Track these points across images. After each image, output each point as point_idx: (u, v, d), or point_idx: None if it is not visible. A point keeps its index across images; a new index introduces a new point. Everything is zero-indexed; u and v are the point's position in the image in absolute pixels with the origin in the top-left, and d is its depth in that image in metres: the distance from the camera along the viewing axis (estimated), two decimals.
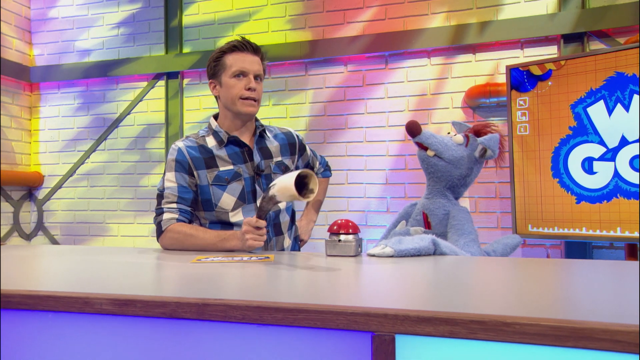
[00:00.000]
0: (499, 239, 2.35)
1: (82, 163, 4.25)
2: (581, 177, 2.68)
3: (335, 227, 1.63)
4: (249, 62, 1.88)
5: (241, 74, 1.88)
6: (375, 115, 3.61)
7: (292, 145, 2.08)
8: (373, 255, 1.56)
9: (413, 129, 1.86)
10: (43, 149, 4.38)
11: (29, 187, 4.37)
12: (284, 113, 3.79)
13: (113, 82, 4.19)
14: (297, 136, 2.12)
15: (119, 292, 1.00)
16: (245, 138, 1.97)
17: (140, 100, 4.10)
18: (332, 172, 2.36)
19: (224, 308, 0.90)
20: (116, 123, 4.16)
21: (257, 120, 2.02)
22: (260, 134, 2.00)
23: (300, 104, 3.76)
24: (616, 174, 2.58)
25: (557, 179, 2.75)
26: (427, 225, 1.93)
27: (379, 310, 0.81)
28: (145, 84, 4.10)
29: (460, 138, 1.85)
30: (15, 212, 4.28)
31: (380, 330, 0.81)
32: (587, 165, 2.67)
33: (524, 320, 0.74)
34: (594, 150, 2.65)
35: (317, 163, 2.26)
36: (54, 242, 4.30)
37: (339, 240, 1.61)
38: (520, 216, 2.88)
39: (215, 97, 1.98)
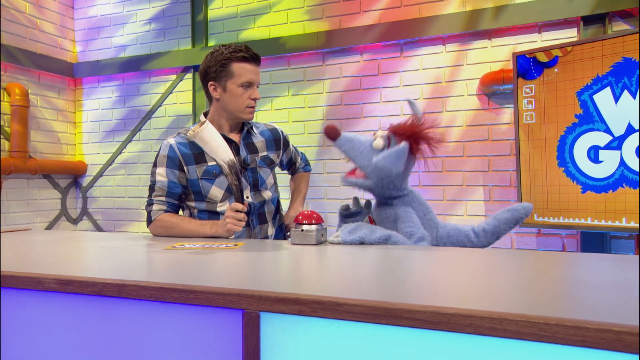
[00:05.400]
0: (498, 213, 1.92)
1: (120, 153, 4.53)
2: (587, 166, 2.61)
3: (300, 218, 1.74)
4: (255, 73, 2.01)
5: (249, 85, 2.00)
6: (390, 104, 3.62)
7: (277, 141, 2.21)
8: (331, 242, 1.68)
9: (330, 134, 1.78)
10: (86, 139, 4.70)
11: (75, 175, 4.72)
12: (302, 103, 3.88)
13: (146, 75, 4.42)
14: (282, 132, 2.25)
15: (85, 274, 1.17)
16: (233, 135, 2.10)
17: (170, 93, 4.32)
18: (311, 166, 2.52)
19: (136, 288, 1.07)
20: (149, 115, 4.41)
21: None
22: (247, 130, 2.12)
23: (317, 94, 3.83)
24: (622, 162, 2.50)
25: (563, 168, 2.69)
26: (372, 222, 1.92)
27: (248, 292, 0.97)
28: (174, 77, 4.30)
29: (379, 143, 1.72)
30: (62, 198, 4.63)
31: (249, 308, 0.96)
32: (593, 154, 2.59)
33: (351, 302, 0.87)
34: (599, 138, 2.57)
35: (299, 159, 2.40)
36: (97, 226, 4.63)
37: (302, 230, 1.71)
38: None
39: (212, 97, 2.06)
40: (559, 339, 0.74)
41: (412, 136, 1.68)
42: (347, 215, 1.94)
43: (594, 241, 3.05)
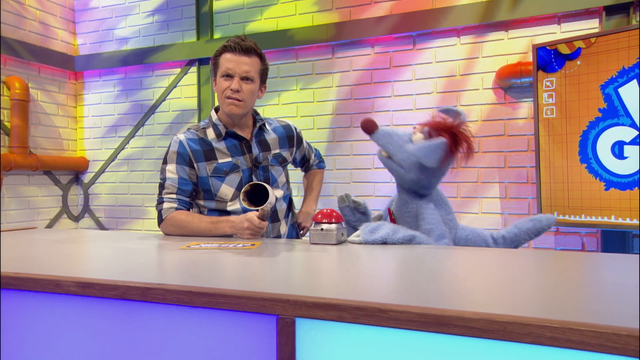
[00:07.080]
0: (519, 222, 1.87)
1: (123, 148, 4.42)
2: (611, 163, 2.51)
3: (319, 217, 1.67)
4: (237, 63, 1.91)
5: (228, 75, 1.92)
6: (402, 98, 3.52)
7: (290, 138, 2.13)
8: (352, 242, 1.63)
9: (367, 128, 1.75)
10: (87, 134, 4.59)
11: (76, 172, 4.61)
12: (311, 97, 3.77)
13: (149, 69, 4.31)
14: (295, 129, 2.17)
15: (101, 277, 1.12)
16: (244, 132, 2.02)
17: (174, 87, 4.20)
18: (325, 164, 2.43)
19: (162, 292, 1.01)
20: (152, 109, 4.29)
21: (257, 114, 2.07)
22: (259, 127, 2.04)
23: (327, 88, 3.72)
24: None
25: (585, 164, 2.59)
26: (393, 221, 1.85)
27: (283, 297, 0.91)
28: (178, 70, 4.19)
29: (419, 138, 1.70)
30: (64, 195, 4.53)
31: (284, 313, 0.91)
32: (618, 149, 2.49)
33: (397, 308, 0.82)
34: (625, 133, 2.47)
35: (313, 155, 2.32)
36: (99, 224, 4.52)
37: (322, 229, 1.65)
38: (546, 203, 2.75)
39: None
40: (631, 351, 0.68)
41: (451, 133, 1.63)
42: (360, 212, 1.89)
43: (615, 240, 2.94)
